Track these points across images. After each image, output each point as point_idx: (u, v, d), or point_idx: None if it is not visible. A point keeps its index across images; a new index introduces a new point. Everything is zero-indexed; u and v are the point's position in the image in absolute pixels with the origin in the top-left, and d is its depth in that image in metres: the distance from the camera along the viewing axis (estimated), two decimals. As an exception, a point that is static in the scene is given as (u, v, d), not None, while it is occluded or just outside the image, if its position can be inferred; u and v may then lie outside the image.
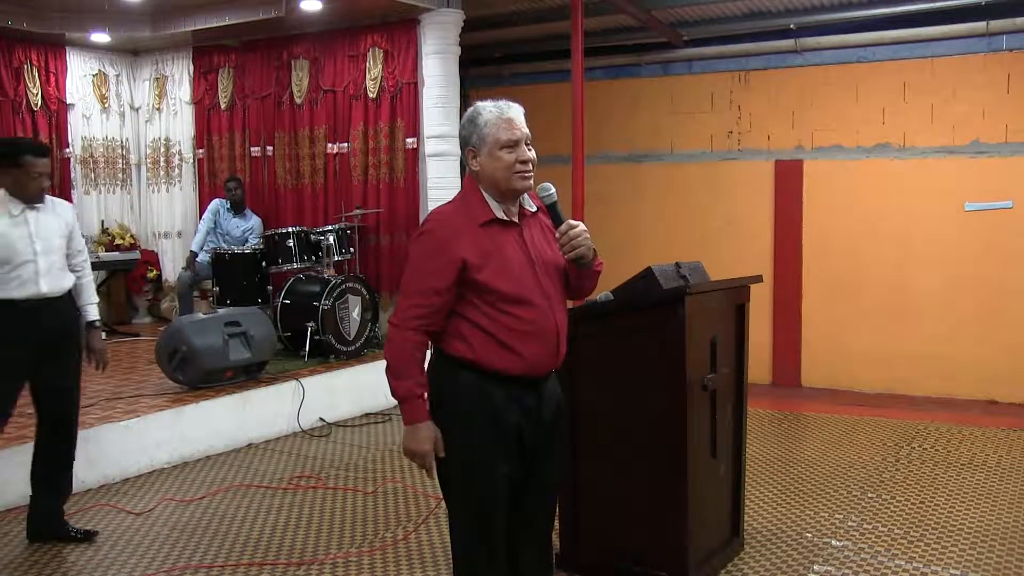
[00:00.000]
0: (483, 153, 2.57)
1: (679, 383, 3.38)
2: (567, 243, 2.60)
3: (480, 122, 2.57)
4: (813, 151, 7.70)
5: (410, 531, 4.26)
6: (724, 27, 7.79)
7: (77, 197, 8.92)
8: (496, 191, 2.60)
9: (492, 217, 2.58)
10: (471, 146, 2.60)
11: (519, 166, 2.56)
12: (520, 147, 2.57)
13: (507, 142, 2.55)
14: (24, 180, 3.87)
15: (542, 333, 2.58)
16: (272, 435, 6.00)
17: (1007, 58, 6.96)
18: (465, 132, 2.62)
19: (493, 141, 2.55)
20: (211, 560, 3.97)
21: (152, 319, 9.20)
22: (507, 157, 2.55)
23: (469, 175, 2.66)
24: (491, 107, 2.59)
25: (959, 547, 4.02)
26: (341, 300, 6.86)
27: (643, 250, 7.92)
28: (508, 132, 2.55)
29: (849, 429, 6.20)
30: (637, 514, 3.53)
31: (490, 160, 2.56)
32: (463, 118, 2.65)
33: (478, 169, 2.59)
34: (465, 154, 2.64)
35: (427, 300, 2.52)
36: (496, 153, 2.55)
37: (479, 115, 2.59)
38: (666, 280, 3.45)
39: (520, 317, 2.55)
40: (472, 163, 2.61)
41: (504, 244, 2.58)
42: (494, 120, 2.56)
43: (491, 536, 2.64)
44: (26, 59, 8.37)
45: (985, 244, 7.07)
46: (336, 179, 8.00)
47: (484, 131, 2.56)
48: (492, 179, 2.58)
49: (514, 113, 2.59)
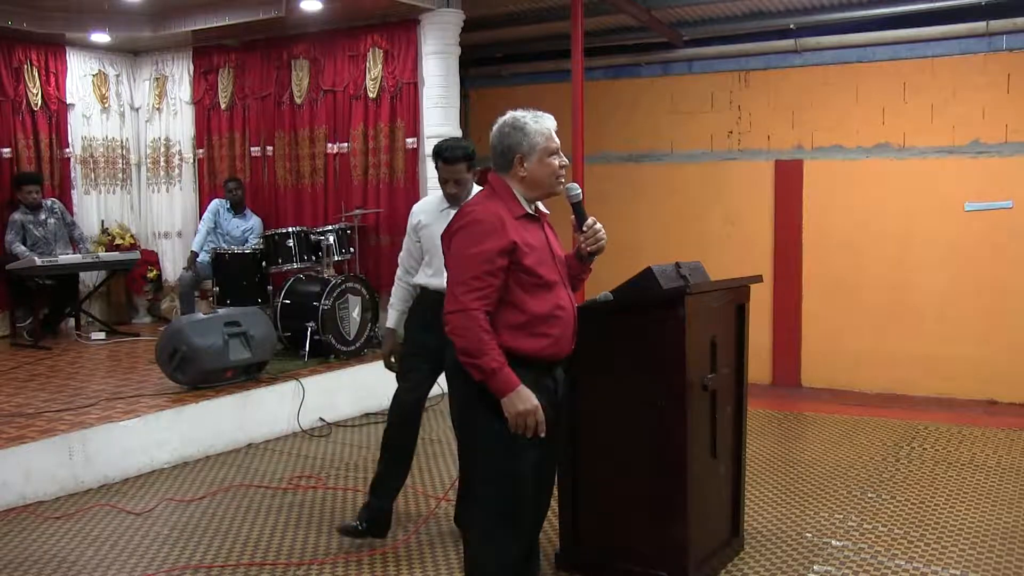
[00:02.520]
0: (532, 159, 2.80)
1: (679, 383, 3.38)
2: (592, 236, 2.93)
3: (529, 131, 2.80)
4: (813, 151, 7.70)
5: (410, 531, 4.26)
6: (724, 27, 7.80)
7: (77, 197, 8.94)
8: (536, 192, 2.84)
9: (525, 212, 2.82)
10: (520, 152, 2.79)
11: (560, 171, 2.83)
12: (559, 154, 2.85)
13: (553, 149, 2.83)
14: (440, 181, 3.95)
15: (567, 317, 2.83)
16: (272, 435, 5.99)
17: (1007, 58, 6.96)
18: (512, 140, 2.80)
19: (543, 149, 2.80)
20: (211, 560, 3.97)
21: (152, 319, 9.20)
22: (554, 163, 2.82)
23: (498, 178, 2.86)
24: (532, 116, 2.82)
25: (959, 547, 4.02)
26: (341, 300, 6.86)
27: (643, 250, 7.91)
28: (553, 140, 2.83)
29: (849, 429, 6.20)
30: (637, 514, 3.53)
31: (540, 166, 2.81)
32: (503, 126, 2.83)
33: (525, 174, 2.80)
34: (510, 160, 2.80)
35: (486, 282, 2.67)
36: (546, 160, 2.81)
37: (525, 124, 2.80)
38: (666, 280, 3.45)
39: (551, 301, 2.78)
40: (519, 168, 2.81)
41: (535, 235, 2.82)
42: (543, 130, 2.81)
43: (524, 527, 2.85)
44: (26, 59, 8.38)
45: (985, 244, 7.07)
46: (336, 179, 8.00)
47: (535, 139, 2.80)
48: (537, 182, 2.82)
49: (554, 123, 2.86)
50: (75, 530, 4.33)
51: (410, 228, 4.10)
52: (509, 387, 2.66)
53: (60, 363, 7.02)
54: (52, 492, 4.76)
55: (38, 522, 4.42)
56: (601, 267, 3.15)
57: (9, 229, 7.87)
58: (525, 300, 2.73)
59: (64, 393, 5.89)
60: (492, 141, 2.86)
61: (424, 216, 4.03)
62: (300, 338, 6.80)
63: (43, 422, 5.15)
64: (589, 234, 2.92)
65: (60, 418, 5.23)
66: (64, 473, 4.83)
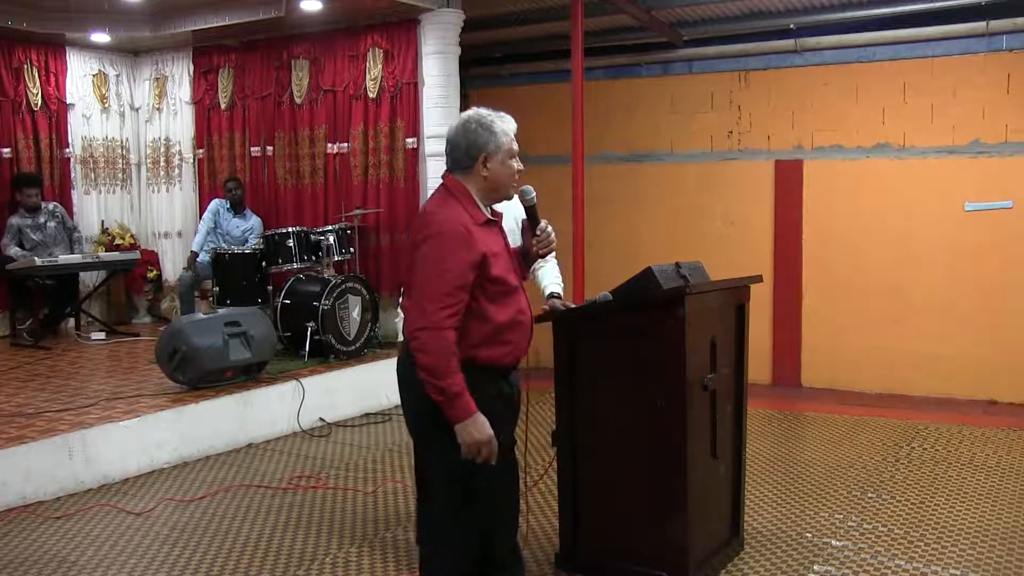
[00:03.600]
0: (496, 160, 2.73)
1: (679, 383, 3.38)
2: (545, 239, 2.90)
3: (496, 130, 2.73)
4: (813, 151, 7.70)
5: (410, 531, 4.25)
6: (724, 27, 7.79)
7: (77, 197, 8.94)
8: (493, 195, 2.79)
9: (486, 218, 2.76)
10: (486, 152, 2.71)
11: (516, 175, 2.79)
12: (518, 158, 2.80)
13: (516, 153, 2.78)
14: None
15: (527, 321, 2.83)
16: (272, 435, 6.00)
17: (1007, 58, 6.96)
18: (478, 138, 2.71)
19: (507, 150, 2.75)
20: (211, 560, 3.97)
21: (152, 319, 9.20)
22: (514, 166, 2.78)
23: (453, 178, 2.76)
24: (498, 116, 2.76)
25: (959, 547, 4.02)
26: (341, 300, 6.86)
27: (643, 250, 7.92)
28: (515, 143, 2.78)
29: (849, 429, 6.20)
30: (637, 514, 3.53)
31: (502, 167, 2.75)
32: (467, 122, 2.73)
33: (486, 175, 2.73)
34: (473, 159, 2.71)
35: (456, 298, 2.61)
36: (508, 161, 2.76)
37: (493, 123, 2.72)
38: (666, 280, 3.44)
39: (513, 307, 2.75)
40: (481, 168, 2.72)
41: (496, 242, 2.77)
42: (508, 130, 2.76)
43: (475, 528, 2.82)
44: (26, 59, 8.38)
45: (985, 244, 7.07)
46: (336, 179, 8.00)
47: (501, 139, 2.74)
48: (497, 184, 2.76)
49: (515, 126, 2.80)
50: (75, 530, 4.33)
51: None
52: (467, 414, 2.60)
53: (60, 363, 7.02)
54: (52, 492, 4.76)
55: (38, 522, 4.42)
56: (601, 267, 3.16)
57: (6, 233, 7.87)
58: (489, 309, 2.68)
59: (64, 393, 5.89)
60: (453, 139, 2.75)
61: None
62: (300, 338, 6.80)
63: (43, 422, 5.15)
64: (542, 237, 2.91)
65: (60, 418, 5.23)
66: (64, 473, 4.83)
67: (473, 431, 2.61)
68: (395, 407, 6.76)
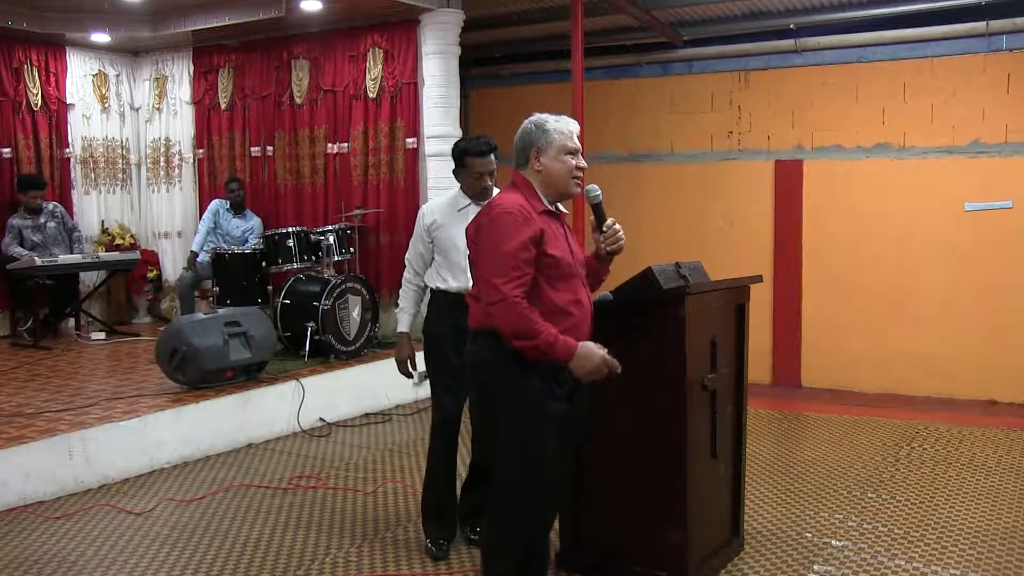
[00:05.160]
0: (548, 154, 2.88)
1: (679, 383, 3.38)
2: (612, 235, 3.00)
3: (548, 128, 2.89)
4: (813, 151, 7.70)
5: (410, 531, 4.25)
6: (724, 27, 7.79)
7: (77, 197, 8.94)
8: (552, 191, 2.89)
9: (546, 208, 2.88)
10: (537, 146, 2.86)
11: (576, 171, 2.89)
12: (579, 156, 2.92)
13: (572, 149, 2.89)
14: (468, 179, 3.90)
15: (584, 313, 2.90)
16: (272, 435, 5.99)
17: (1007, 58, 6.96)
18: (531, 136, 2.89)
19: (560, 146, 2.87)
20: (211, 560, 3.97)
21: (152, 319, 9.20)
22: (570, 161, 2.88)
23: (519, 174, 2.93)
24: (553, 117, 2.92)
25: (959, 547, 4.02)
26: (341, 300, 6.86)
27: (643, 250, 7.86)
28: (572, 141, 2.90)
29: (849, 429, 6.20)
30: (637, 514, 3.53)
31: (554, 162, 2.87)
32: (527, 124, 2.93)
33: (540, 169, 2.87)
34: (528, 154, 2.88)
35: (520, 271, 2.73)
36: (561, 157, 2.87)
37: (546, 122, 2.90)
38: (666, 280, 3.44)
39: (570, 295, 2.84)
40: (535, 162, 2.88)
41: (556, 230, 2.89)
42: (562, 128, 2.89)
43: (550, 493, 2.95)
44: (26, 59, 8.38)
45: (985, 244, 7.06)
46: (336, 179, 8.00)
47: (552, 136, 2.88)
48: (551, 178, 2.88)
49: (576, 127, 2.93)
50: (75, 530, 4.33)
51: (421, 229, 3.94)
52: (571, 350, 2.74)
53: (60, 363, 7.02)
54: (52, 492, 4.76)
55: (38, 522, 4.42)
56: (601, 266, 3.16)
57: (7, 233, 7.87)
58: (546, 291, 2.79)
59: (64, 393, 5.89)
60: (515, 140, 2.95)
61: (440, 216, 3.89)
62: (300, 338, 6.80)
63: (43, 422, 5.15)
64: (609, 234, 2.99)
65: (60, 418, 5.23)
66: (64, 473, 4.83)
67: (585, 361, 2.75)
68: (395, 407, 6.77)
